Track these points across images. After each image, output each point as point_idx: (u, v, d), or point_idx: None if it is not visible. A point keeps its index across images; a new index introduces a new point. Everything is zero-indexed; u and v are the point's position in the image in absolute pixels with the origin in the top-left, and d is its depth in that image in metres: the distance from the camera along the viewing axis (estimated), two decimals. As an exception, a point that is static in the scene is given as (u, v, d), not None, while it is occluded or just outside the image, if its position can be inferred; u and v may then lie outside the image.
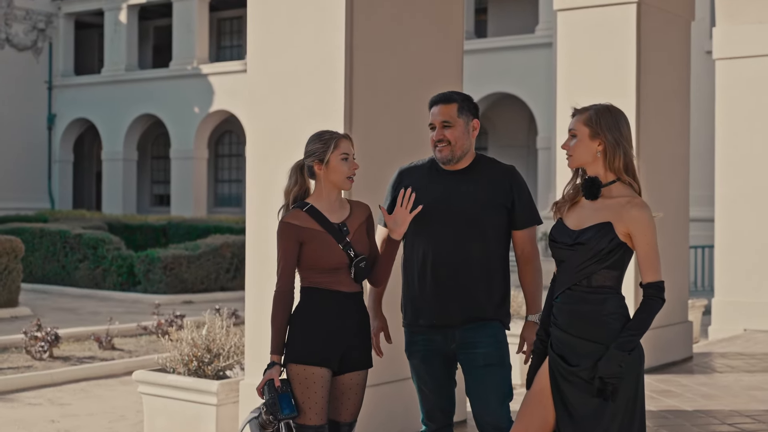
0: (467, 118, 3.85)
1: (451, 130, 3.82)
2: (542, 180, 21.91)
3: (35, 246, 17.17)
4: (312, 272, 3.74)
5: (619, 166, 3.40)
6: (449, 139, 3.81)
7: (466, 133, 3.84)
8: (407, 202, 3.72)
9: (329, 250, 3.71)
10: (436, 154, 3.85)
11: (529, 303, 3.91)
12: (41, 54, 29.14)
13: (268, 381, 3.69)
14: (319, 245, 3.71)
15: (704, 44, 17.26)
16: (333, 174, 3.75)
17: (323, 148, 3.75)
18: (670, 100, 8.68)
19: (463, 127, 3.83)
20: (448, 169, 3.87)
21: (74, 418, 7.19)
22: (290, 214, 3.76)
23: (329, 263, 3.72)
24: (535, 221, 3.89)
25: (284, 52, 5.68)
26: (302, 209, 3.75)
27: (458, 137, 3.81)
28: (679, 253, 8.76)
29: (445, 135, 3.81)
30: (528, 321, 3.89)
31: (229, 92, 25.92)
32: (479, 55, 21.96)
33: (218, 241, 16.58)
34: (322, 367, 3.71)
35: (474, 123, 3.87)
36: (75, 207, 30.14)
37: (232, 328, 6.15)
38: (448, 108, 3.84)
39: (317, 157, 3.75)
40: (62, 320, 12.40)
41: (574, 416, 3.36)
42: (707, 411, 6.57)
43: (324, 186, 3.78)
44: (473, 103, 3.92)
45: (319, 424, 3.71)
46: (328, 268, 3.72)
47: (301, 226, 3.71)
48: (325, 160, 3.74)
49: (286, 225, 3.72)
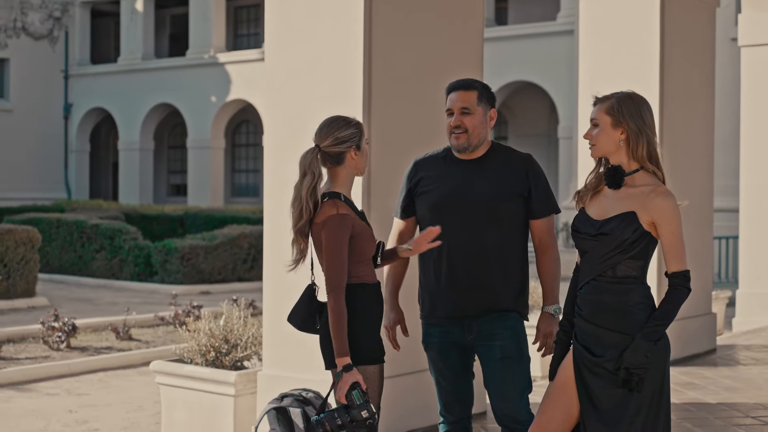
0: (486, 107, 3.83)
1: (469, 118, 3.80)
2: (563, 170, 21.83)
3: (52, 236, 17.28)
4: (360, 266, 3.59)
5: (643, 155, 3.38)
6: (467, 126, 3.79)
7: (484, 122, 3.82)
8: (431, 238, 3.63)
9: (371, 240, 3.63)
10: (452, 140, 3.83)
11: (546, 294, 3.88)
12: (57, 43, 29.26)
13: (354, 384, 3.43)
14: (366, 236, 3.60)
15: (729, 31, 17.13)
16: (362, 160, 3.63)
17: (357, 134, 3.60)
18: (695, 88, 8.63)
19: (482, 116, 3.82)
20: (463, 158, 3.85)
21: (92, 408, 7.25)
22: (339, 205, 3.54)
23: (370, 253, 3.64)
24: (552, 210, 3.86)
25: (302, 40, 5.68)
26: (340, 200, 3.56)
27: (476, 126, 3.80)
28: (703, 243, 8.72)
29: (463, 122, 3.79)
30: (543, 312, 3.86)
31: (247, 81, 25.95)
32: (499, 43, 21.88)
33: (235, 231, 16.63)
34: (382, 363, 3.63)
35: (492, 113, 3.85)
36: (91, 197, 30.29)
37: (249, 319, 6.17)
38: (467, 95, 3.82)
39: (354, 143, 3.58)
40: (79, 310, 12.49)
41: (599, 408, 3.35)
42: (731, 404, 6.55)
43: (348, 174, 3.63)
44: (491, 93, 3.91)
45: None
46: (368, 259, 3.64)
47: (353, 217, 3.55)
48: (361, 146, 3.61)
49: (345, 218, 3.51)
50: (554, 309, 3.84)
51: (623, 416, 3.32)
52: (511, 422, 3.81)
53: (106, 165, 32.44)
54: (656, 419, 3.36)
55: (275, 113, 5.79)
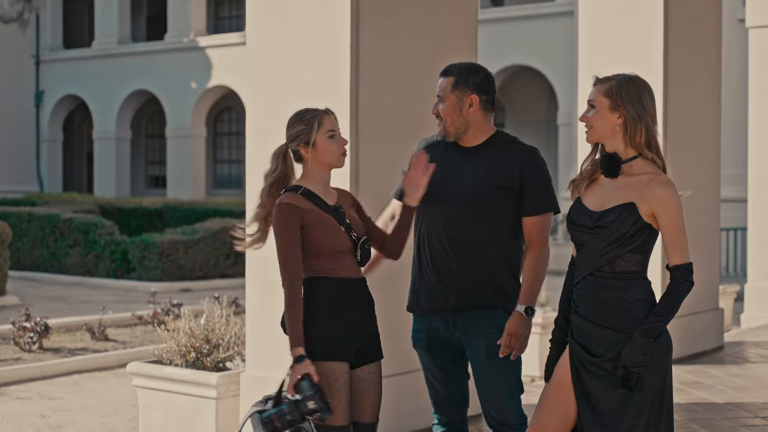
0: (462, 93, 3.81)
1: (442, 105, 3.86)
2: (563, 158, 21.86)
3: (23, 231, 17.23)
4: (318, 259, 3.70)
5: (641, 142, 3.38)
6: (441, 113, 3.86)
7: (458, 109, 3.82)
8: (423, 165, 3.73)
9: (334, 232, 3.70)
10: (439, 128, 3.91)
11: (522, 292, 3.82)
12: (28, 26, 29.16)
13: (305, 375, 3.54)
14: (323, 228, 3.69)
15: (737, 12, 17.16)
16: (323, 155, 3.73)
17: (307, 130, 3.73)
18: (700, 71, 8.64)
19: (455, 103, 3.82)
20: (463, 146, 3.88)
21: (66, 413, 7.24)
22: (286, 195, 3.71)
23: (335, 246, 3.70)
24: (545, 209, 3.83)
25: (286, 23, 5.67)
26: (296, 192, 3.73)
27: (448, 113, 3.83)
28: (709, 235, 8.74)
29: (438, 109, 3.86)
30: (515, 311, 3.77)
31: (228, 66, 25.90)
32: (495, 25, 21.88)
33: (217, 225, 16.61)
34: (342, 362, 3.67)
35: (471, 98, 3.81)
36: (65, 190, 30.21)
37: (232, 318, 6.17)
38: (444, 81, 3.87)
39: (302, 140, 3.73)
40: (52, 310, 12.46)
41: (597, 410, 3.35)
42: (739, 404, 6.57)
43: (313, 168, 3.75)
44: (477, 76, 3.84)
45: (344, 425, 3.66)
46: (334, 253, 3.71)
47: (301, 206, 3.69)
48: (311, 142, 3.72)
49: (288, 206, 3.67)
50: (525, 309, 3.75)
51: (623, 419, 3.32)
52: (497, 425, 3.83)
53: (81, 155, 32.35)
54: (658, 421, 3.36)
55: (258, 100, 5.78)
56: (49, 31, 29.86)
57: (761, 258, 11.19)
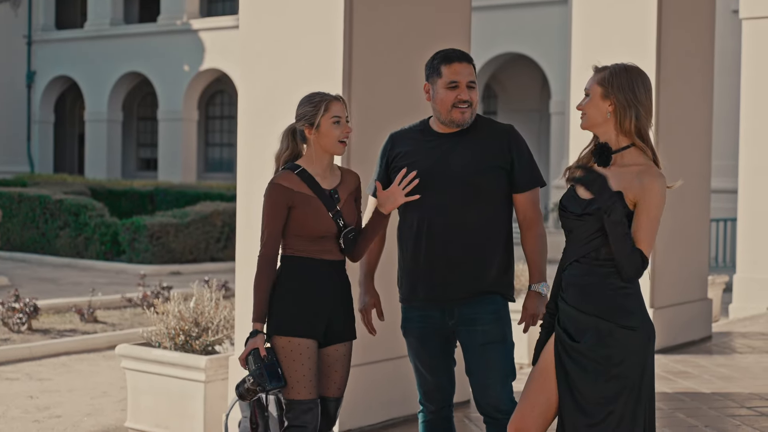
0: None
1: (474, 92, 3.82)
2: (555, 146, 21.87)
3: (13, 212, 17.19)
4: (297, 239, 3.78)
5: (630, 129, 3.38)
6: (473, 101, 3.81)
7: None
8: (406, 183, 3.70)
9: (319, 216, 3.75)
10: (455, 115, 3.78)
11: (532, 271, 3.87)
12: (20, 6, 28.97)
13: (253, 350, 3.70)
14: (308, 211, 3.74)
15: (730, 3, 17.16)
16: (324, 138, 3.78)
17: (313, 111, 3.78)
18: (693, 62, 8.64)
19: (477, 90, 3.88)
20: (442, 132, 3.85)
21: (54, 394, 7.24)
22: (281, 175, 3.79)
23: (317, 231, 3.76)
24: (537, 183, 3.85)
25: (279, 6, 5.65)
26: (293, 171, 3.79)
27: (476, 101, 3.84)
28: (699, 226, 8.76)
29: (471, 96, 3.80)
30: (530, 291, 3.85)
31: (221, 50, 25.82)
32: (488, 12, 21.84)
33: (208, 208, 16.60)
34: (309, 339, 3.76)
35: None
36: (56, 171, 30.14)
37: (221, 301, 6.17)
38: (472, 68, 3.84)
39: (307, 121, 3.79)
40: (42, 291, 12.45)
41: (576, 396, 3.36)
42: (726, 393, 6.60)
43: (315, 151, 3.81)
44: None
45: (309, 399, 3.74)
46: (315, 236, 3.76)
47: (292, 188, 3.75)
48: (315, 124, 3.77)
49: (276, 186, 3.75)
50: (542, 287, 3.83)
51: (601, 405, 3.34)
52: (493, 411, 3.82)
53: (72, 137, 32.25)
54: (636, 409, 3.36)
55: (251, 84, 5.76)
56: (42, 11, 29.72)
57: (750, 249, 11.22)
